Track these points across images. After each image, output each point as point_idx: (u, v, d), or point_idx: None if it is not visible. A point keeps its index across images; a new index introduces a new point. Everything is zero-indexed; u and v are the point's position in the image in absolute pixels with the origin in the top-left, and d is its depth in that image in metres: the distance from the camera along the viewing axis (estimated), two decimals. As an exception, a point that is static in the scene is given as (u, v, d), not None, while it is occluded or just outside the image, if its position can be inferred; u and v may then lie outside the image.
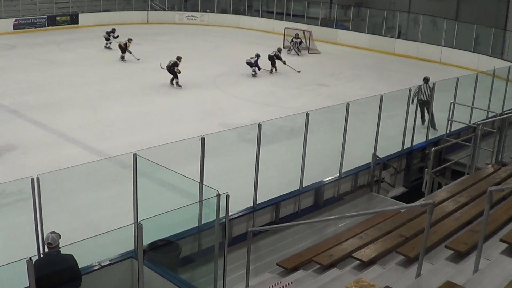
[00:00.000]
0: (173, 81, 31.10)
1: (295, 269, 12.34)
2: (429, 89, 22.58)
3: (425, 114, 22.64)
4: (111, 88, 30.08)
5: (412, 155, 19.99)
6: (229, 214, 11.81)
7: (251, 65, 34.51)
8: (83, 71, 33.95)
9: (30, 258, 8.33)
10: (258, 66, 34.23)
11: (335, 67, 39.20)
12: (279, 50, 36.32)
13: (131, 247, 11.65)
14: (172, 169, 11.77)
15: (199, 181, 12.88)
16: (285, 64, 36.14)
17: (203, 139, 13.03)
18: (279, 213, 15.67)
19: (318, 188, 16.67)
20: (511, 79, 25.52)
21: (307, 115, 15.41)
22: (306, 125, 15.46)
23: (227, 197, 10.24)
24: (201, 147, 13.08)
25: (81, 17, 51.72)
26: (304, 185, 16.02)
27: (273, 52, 35.98)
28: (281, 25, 48.53)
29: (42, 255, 10.65)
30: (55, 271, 9.63)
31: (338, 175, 17.14)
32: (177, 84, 30.95)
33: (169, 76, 30.52)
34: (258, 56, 34.06)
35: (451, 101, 20.69)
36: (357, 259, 11.77)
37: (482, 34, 41.33)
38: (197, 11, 57.01)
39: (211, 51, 43.19)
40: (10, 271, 8.64)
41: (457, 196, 14.93)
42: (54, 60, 36.83)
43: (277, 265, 12.57)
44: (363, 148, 18.60)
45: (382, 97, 17.87)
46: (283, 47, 43.25)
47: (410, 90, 19.20)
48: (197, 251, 13.46)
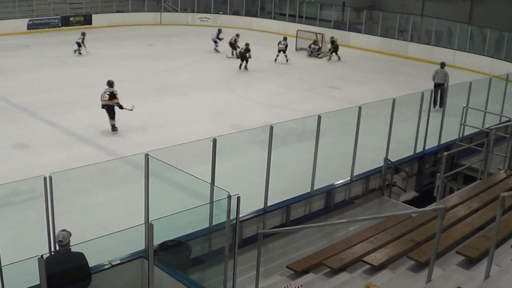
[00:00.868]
0: (241, 66, 35.39)
1: (305, 272, 12.33)
2: (444, 73, 27.38)
3: (438, 98, 25.71)
4: (123, 89, 30.04)
5: (424, 159, 19.93)
6: (240, 216, 11.80)
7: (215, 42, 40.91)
8: (95, 71, 34.03)
9: (42, 255, 8.34)
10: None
11: (347, 69, 39.16)
12: (237, 35, 40.88)
13: (141, 247, 11.67)
14: (183, 170, 11.77)
15: (210, 182, 12.88)
16: (232, 55, 40.16)
17: (214, 141, 13.03)
18: (289, 216, 15.65)
19: (329, 191, 16.65)
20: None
21: (319, 117, 15.39)
22: (318, 127, 15.43)
23: (238, 198, 10.23)
24: (212, 149, 13.08)
25: (95, 17, 51.86)
26: (315, 188, 16.00)
27: (232, 39, 40.60)
28: (293, 27, 48.46)
29: (52, 253, 10.68)
30: (65, 269, 9.65)
31: (350, 178, 17.11)
32: (245, 68, 35.79)
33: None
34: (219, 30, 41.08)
35: (464, 105, 20.59)
36: (368, 263, 11.75)
37: (496, 38, 41.22)
38: (209, 12, 57.08)
39: (223, 53, 43.15)
40: (21, 268, 8.67)
41: (469, 202, 14.87)
42: (67, 60, 36.94)
43: (287, 267, 12.56)
44: (374, 151, 18.56)
45: (394, 100, 17.83)
46: (295, 49, 43.30)
47: (423, 94, 19.11)
48: (207, 252, 13.45)
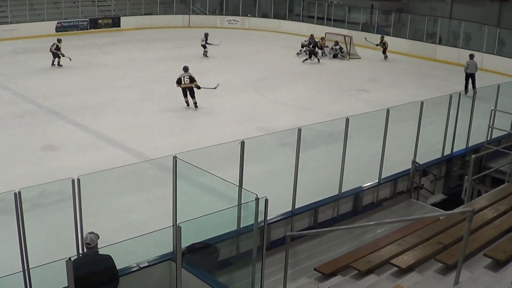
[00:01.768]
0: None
1: (332, 274, 12.33)
2: (474, 64, 32.10)
3: (469, 86, 31.67)
4: (152, 91, 30.27)
5: (452, 162, 19.83)
6: (268, 218, 11.82)
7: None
8: (124, 74, 34.26)
9: (70, 258, 8.40)
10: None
11: (375, 72, 39.04)
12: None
13: (169, 249, 11.72)
14: (211, 172, 11.81)
15: (238, 184, 12.90)
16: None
17: (242, 143, 13.06)
18: (317, 218, 15.65)
19: (357, 194, 16.62)
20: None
21: (347, 120, 15.38)
22: (346, 130, 15.42)
23: (266, 201, 10.24)
24: (240, 151, 13.11)
25: (123, 20, 52.14)
26: (343, 190, 15.99)
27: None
28: (321, 30, 48.37)
29: (80, 255, 10.76)
30: (93, 271, 9.71)
31: (377, 181, 17.07)
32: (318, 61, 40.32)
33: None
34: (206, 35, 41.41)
35: (492, 108, 20.48)
36: (395, 265, 11.74)
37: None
38: (238, 15, 57.13)
39: (251, 55, 43.28)
40: (49, 271, 8.74)
41: (497, 204, 14.82)
42: (96, 62, 37.16)
43: (315, 270, 12.55)
44: (402, 154, 18.50)
45: (422, 103, 17.77)
46: (322, 53, 43.35)
47: (451, 96, 19.03)
48: (235, 254, 13.48)
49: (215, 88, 27.41)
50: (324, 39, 44.37)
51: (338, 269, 12.44)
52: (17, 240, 10.29)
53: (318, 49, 42.36)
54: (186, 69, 27.56)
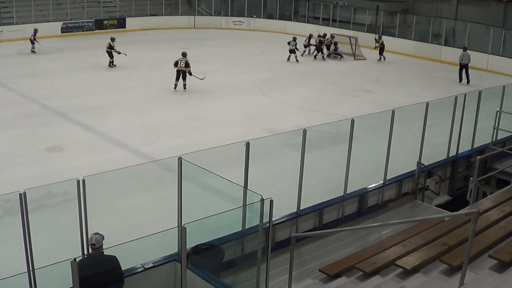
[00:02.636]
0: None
1: (337, 275, 12.32)
2: (468, 55, 35.90)
3: (463, 75, 36.04)
4: (157, 92, 30.31)
5: (457, 163, 19.81)
6: (273, 219, 11.82)
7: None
8: (129, 74, 34.31)
9: (75, 259, 8.41)
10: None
11: (380, 73, 39.05)
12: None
13: (174, 250, 11.73)
14: (216, 173, 11.82)
15: (243, 185, 12.90)
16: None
17: (248, 144, 13.05)
18: (322, 219, 15.63)
19: (362, 195, 16.61)
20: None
21: (352, 121, 15.37)
22: (351, 131, 15.42)
23: (271, 202, 10.24)
24: (245, 152, 13.10)
25: (128, 21, 52.21)
26: (348, 191, 15.97)
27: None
28: (327, 31, 48.30)
29: (85, 256, 10.77)
30: (98, 272, 9.72)
31: (382, 182, 17.06)
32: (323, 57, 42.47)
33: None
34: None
35: (497, 109, 20.46)
36: (400, 267, 11.73)
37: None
38: (243, 16, 57.20)
39: (256, 56, 43.33)
40: (54, 271, 8.75)
41: (502, 205, 14.79)
42: (101, 63, 37.18)
43: (320, 271, 12.55)
44: (407, 155, 18.48)
45: (427, 104, 17.75)
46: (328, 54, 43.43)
47: (456, 97, 19.01)
48: (240, 255, 13.47)
49: (202, 79, 30.22)
50: (334, 37, 44.49)
51: (343, 270, 12.43)
52: (22, 241, 10.30)
53: (324, 46, 43.31)
54: (184, 54, 30.83)
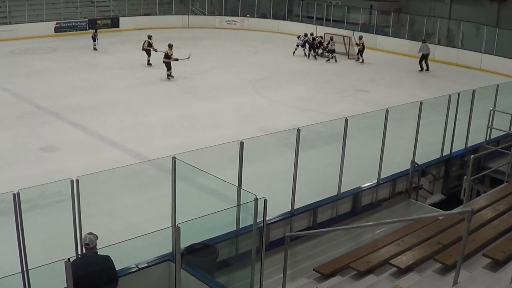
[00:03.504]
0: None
1: (331, 274, 12.34)
2: (427, 47, 39.96)
3: (424, 65, 39.73)
4: (151, 92, 30.29)
5: (451, 162, 19.84)
6: (267, 219, 11.82)
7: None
8: (123, 74, 34.26)
9: (69, 259, 8.40)
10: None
11: (374, 73, 39.07)
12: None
13: (168, 250, 11.73)
14: (210, 173, 11.81)
15: (237, 185, 12.90)
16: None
17: (241, 144, 13.06)
18: (316, 219, 15.63)
19: (356, 194, 16.62)
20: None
21: (346, 120, 15.38)
22: (345, 130, 15.43)
23: (265, 201, 10.25)
24: (239, 152, 13.11)
25: (122, 20, 52.12)
26: (342, 190, 15.99)
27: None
28: (321, 30, 48.39)
29: (79, 256, 10.76)
30: (92, 272, 9.72)
31: (376, 181, 17.08)
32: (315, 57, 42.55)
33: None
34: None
35: (491, 108, 20.49)
36: (394, 266, 11.75)
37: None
38: (237, 15, 57.11)
39: (250, 56, 43.32)
40: (48, 271, 8.75)
41: (496, 204, 14.83)
42: (95, 63, 37.18)
43: (314, 270, 12.56)
44: (401, 154, 18.51)
45: (421, 103, 17.77)
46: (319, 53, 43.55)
47: (450, 96, 19.04)
48: (234, 255, 13.48)
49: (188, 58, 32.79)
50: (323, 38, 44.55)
51: (337, 270, 12.45)
52: (16, 241, 10.29)
53: (319, 45, 43.50)
54: (170, 46, 33.07)
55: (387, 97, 30.66)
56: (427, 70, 39.82)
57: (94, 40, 42.39)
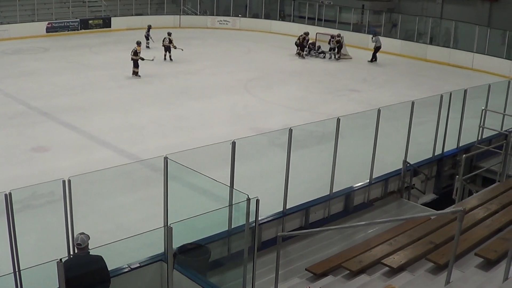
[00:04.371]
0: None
1: (324, 274, 12.34)
2: (379, 39, 42.64)
3: (376, 56, 42.34)
4: (143, 92, 30.25)
5: (443, 161, 19.88)
6: (259, 219, 11.81)
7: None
8: (115, 74, 34.17)
9: (61, 259, 8.38)
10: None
11: (366, 72, 39.09)
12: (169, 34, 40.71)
13: (160, 250, 11.73)
14: (202, 173, 11.80)
15: (229, 185, 12.89)
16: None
17: (233, 143, 13.05)
18: (308, 218, 15.65)
19: (348, 194, 16.64)
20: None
21: (338, 120, 15.39)
22: (337, 130, 15.44)
23: (257, 201, 10.24)
24: (231, 151, 13.11)
25: (114, 20, 51.99)
26: (334, 190, 16.01)
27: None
28: (312, 30, 48.32)
29: (71, 256, 10.74)
30: (84, 272, 9.69)
31: (368, 181, 17.10)
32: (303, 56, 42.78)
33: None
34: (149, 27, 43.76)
35: (483, 107, 20.54)
36: (387, 265, 11.76)
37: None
38: (229, 15, 57.06)
39: (242, 56, 43.31)
40: (40, 272, 8.72)
41: (488, 204, 14.86)
42: (86, 63, 37.10)
43: (306, 270, 12.57)
44: (393, 154, 18.54)
45: (413, 103, 17.80)
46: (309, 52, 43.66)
47: (442, 96, 19.07)
48: (226, 255, 13.48)
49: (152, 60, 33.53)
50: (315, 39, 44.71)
51: (330, 269, 12.45)
52: (8, 242, 10.27)
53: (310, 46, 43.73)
54: (138, 43, 34.07)
55: (379, 96, 30.66)
56: (375, 61, 42.61)
57: (148, 39, 43.24)
